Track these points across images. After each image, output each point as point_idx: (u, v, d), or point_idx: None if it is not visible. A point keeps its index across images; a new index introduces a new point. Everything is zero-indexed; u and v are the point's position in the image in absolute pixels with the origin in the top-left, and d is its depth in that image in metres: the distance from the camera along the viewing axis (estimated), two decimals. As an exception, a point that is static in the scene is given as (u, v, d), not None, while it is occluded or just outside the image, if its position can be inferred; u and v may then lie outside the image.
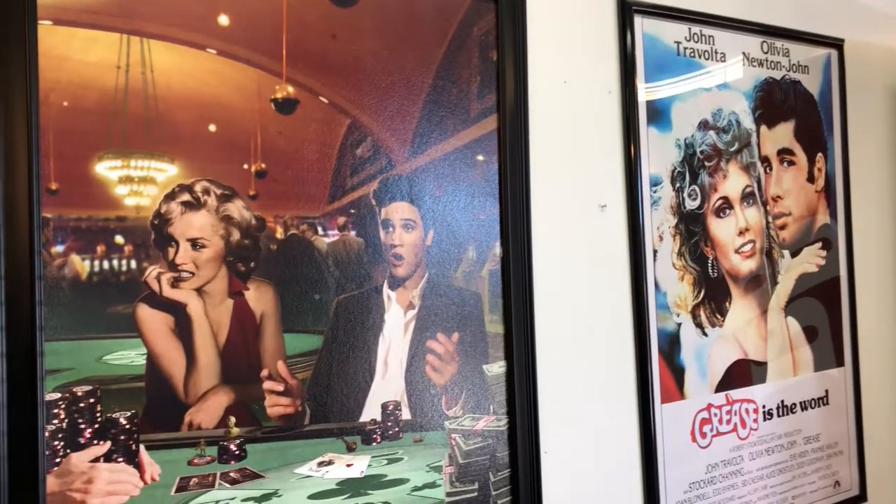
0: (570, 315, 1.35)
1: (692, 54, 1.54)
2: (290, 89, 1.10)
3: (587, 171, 1.39)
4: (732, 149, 1.59)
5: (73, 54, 0.95)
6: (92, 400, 0.96)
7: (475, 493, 1.23)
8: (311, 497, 1.10)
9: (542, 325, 1.30)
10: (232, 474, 1.04)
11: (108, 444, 0.96)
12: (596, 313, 1.38)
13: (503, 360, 1.27)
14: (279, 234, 1.09)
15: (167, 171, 1.01)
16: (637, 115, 1.45)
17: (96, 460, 0.96)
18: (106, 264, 0.97)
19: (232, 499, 1.04)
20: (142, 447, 0.98)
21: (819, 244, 1.75)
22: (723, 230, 1.57)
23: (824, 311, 1.74)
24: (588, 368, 1.37)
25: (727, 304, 1.58)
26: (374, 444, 1.15)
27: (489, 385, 1.25)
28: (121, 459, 0.97)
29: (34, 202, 0.92)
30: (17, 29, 0.91)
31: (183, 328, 1.02)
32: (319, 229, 1.12)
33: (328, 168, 1.13)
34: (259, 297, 1.07)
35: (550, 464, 1.30)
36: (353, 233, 1.15)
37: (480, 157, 1.26)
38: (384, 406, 1.16)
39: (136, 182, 0.99)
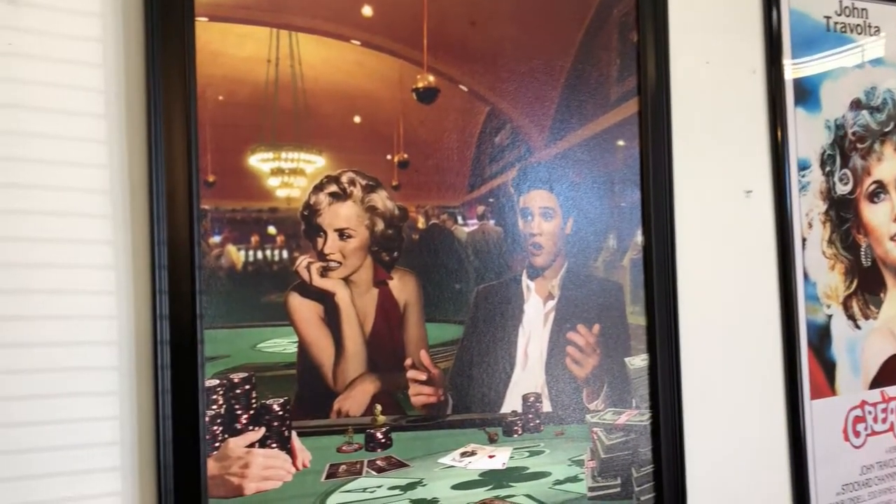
0: (714, 306, 1.29)
1: (843, 29, 1.44)
2: (431, 78, 1.10)
3: (731, 155, 1.32)
4: (887, 129, 1.48)
5: (227, 49, 0.98)
6: (248, 387, 0.98)
7: (618, 489, 1.20)
8: (455, 487, 1.09)
9: (686, 317, 1.25)
10: (378, 462, 1.05)
11: (263, 429, 0.99)
12: (741, 304, 1.32)
13: (646, 353, 1.22)
14: (421, 223, 1.09)
15: (315, 163, 1.03)
16: (783, 96, 1.37)
17: (251, 445, 0.98)
18: (259, 254, 1.00)
19: (378, 486, 1.05)
20: (294, 433, 1.00)
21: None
22: (877, 216, 1.47)
23: None
24: (734, 362, 1.31)
25: (882, 294, 1.47)
26: (516, 435, 1.14)
27: (631, 378, 1.22)
28: (274, 445, 0.99)
29: (193, 194, 0.94)
30: (176, 26, 0.94)
31: (331, 317, 1.03)
32: (459, 218, 1.11)
33: (468, 157, 1.12)
34: (402, 287, 1.08)
35: (695, 460, 1.25)
36: (492, 222, 1.14)
37: (621, 143, 1.22)
38: (525, 398, 1.15)
39: (286, 174, 1.01)
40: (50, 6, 0.90)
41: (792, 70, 1.38)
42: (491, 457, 1.12)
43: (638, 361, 1.22)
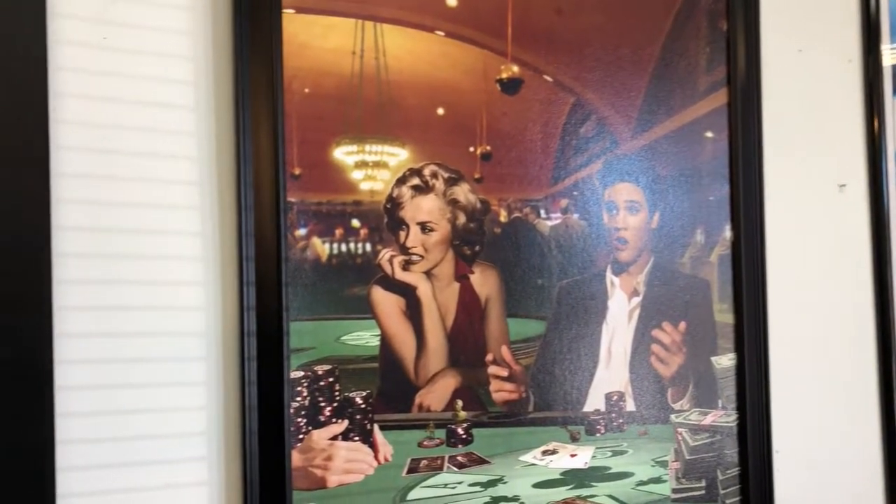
0: (805, 304, 1.24)
1: (946, 13, 1.37)
2: (515, 69, 1.08)
3: (825, 147, 1.27)
4: None
5: (313, 41, 0.98)
6: (331, 379, 0.98)
7: (702, 492, 1.16)
8: (536, 486, 1.07)
9: (776, 316, 1.20)
10: (459, 458, 1.04)
11: (346, 422, 0.99)
12: (834, 302, 1.27)
13: (733, 353, 1.18)
14: (503, 217, 1.07)
15: (398, 156, 1.02)
16: (881, 84, 1.30)
17: (334, 438, 0.98)
18: (343, 247, 0.99)
19: (459, 483, 1.04)
20: (376, 427, 1.00)
21: None
22: (980, 212, 1.38)
23: None
24: (825, 362, 1.26)
25: (984, 294, 1.39)
26: (598, 434, 1.11)
27: (718, 378, 1.18)
28: (357, 438, 0.99)
29: (280, 187, 0.95)
30: (263, 18, 0.94)
31: (413, 310, 1.02)
32: (542, 212, 1.09)
33: (552, 149, 1.10)
34: (484, 281, 1.06)
35: (783, 464, 1.21)
36: (575, 215, 1.11)
37: (709, 134, 1.18)
38: (608, 396, 1.12)
39: (370, 167, 1.00)
40: (143, 0, 0.91)
41: (890, 57, 1.31)
42: (573, 455, 1.10)
43: (725, 361, 1.18)
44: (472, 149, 1.05)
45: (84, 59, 0.88)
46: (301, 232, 0.97)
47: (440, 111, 1.03)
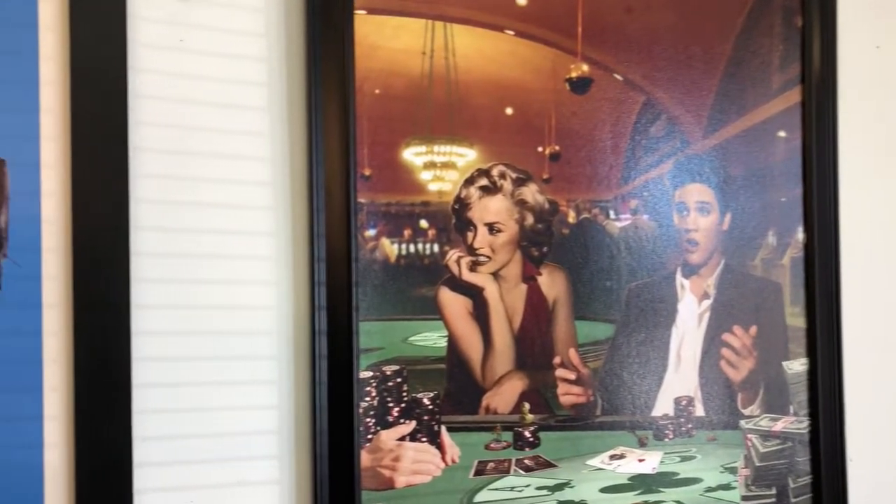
0: (881, 308, 1.21)
1: None
2: (585, 68, 1.06)
3: (903, 146, 1.23)
4: None
5: (384, 42, 0.97)
6: (399, 379, 0.98)
7: (772, 499, 1.13)
8: (603, 490, 1.06)
9: (850, 320, 1.17)
10: (526, 461, 1.03)
11: (413, 423, 0.99)
12: (911, 308, 1.23)
13: (805, 358, 1.15)
14: (571, 218, 1.06)
15: (466, 156, 1.01)
16: (962, 81, 1.25)
17: (402, 439, 0.98)
18: (412, 248, 0.99)
19: (526, 486, 1.03)
20: (443, 428, 1.00)
21: None
22: None
23: None
24: (902, 370, 1.22)
25: None
26: (666, 440, 1.09)
27: (789, 384, 1.15)
28: (424, 439, 0.99)
29: (351, 188, 0.95)
30: (336, 20, 0.94)
31: (480, 312, 1.02)
32: (611, 213, 1.08)
33: (621, 148, 1.08)
34: (552, 283, 1.05)
35: (857, 473, 1.17)
36: (645, 216, 1.09)
37: (782, 134, 1.15)
38: (677, 401, 1.10)
39: (438, 167, 1.00)
40: (218, 2, 0.92)
41: (972, 53, 1.26)
42: (641, 460, 1.08)
43: (797, 366, 1.15)
44: (540, 149, 1.04)
45: (161, 61, 0.90)
46: (370, 233, 0.98)
47: (509, 111, 1.03)
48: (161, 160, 0.90)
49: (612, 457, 1.07)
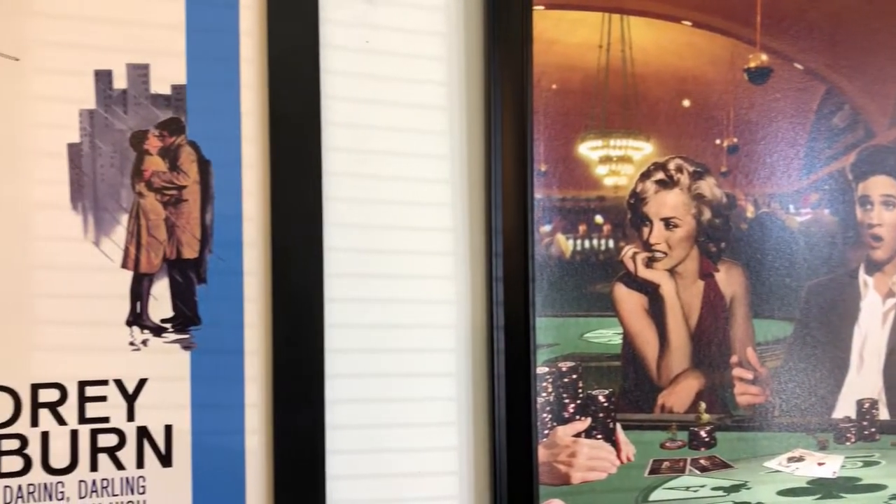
0: None
1: None
2: (764, 57, 1.03)
3: None
4: None
5: (560, 37, 0.97)
6: (574, 376, 0.98)
7: (964, 511, 1.07)
8: (781, 493, 1.03)
9: None
10: (702, 461, 1.01)
11: (589, 420, 0.98)
12: None
13: None
14: (749, 212, 1.03)
15: (643, 150, 1.00)
16: None
17: (577, 435, 0.98)
18: (587, 244, 0.99)
19: (702, 486, 1.01)
20: (618, 426, 0.99)
21: None
22: None
23: None
24: None
25: None
26: (848, 443, 1.05)
27: (984, 388, 1.08)
28: (599, 437, 0.98)
29: (528, 184, 0.95)
30: (514, 16, 0.94)
31: (656, 309, 1.00)
32: (791, 207, 1.04)
33: (801, 140, 1.04)
34: (729, 280, 1.02)
35: None
36: (826, 210, 1.05)
37: (977, 122, 1.08)
38: (859, 403, 1.05)
39: (614, 161, 0.99)
40: (400, 2, 0.94)
41: None
42: (820, 464, 1.04)
43: None
44: (718, 141, 1.01)
45: (349, 62, 0.92)
46: (546, 228, 0.98)
47: (685, 103, 1.00)
48: (348, 159, 0.92)
49: (791, 459, 1.03)
